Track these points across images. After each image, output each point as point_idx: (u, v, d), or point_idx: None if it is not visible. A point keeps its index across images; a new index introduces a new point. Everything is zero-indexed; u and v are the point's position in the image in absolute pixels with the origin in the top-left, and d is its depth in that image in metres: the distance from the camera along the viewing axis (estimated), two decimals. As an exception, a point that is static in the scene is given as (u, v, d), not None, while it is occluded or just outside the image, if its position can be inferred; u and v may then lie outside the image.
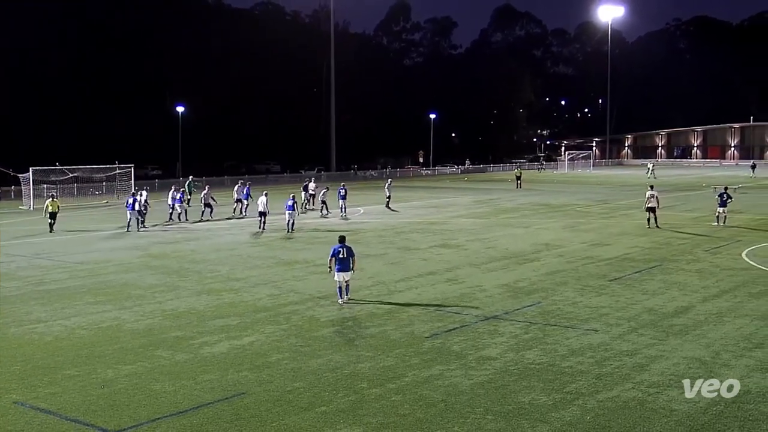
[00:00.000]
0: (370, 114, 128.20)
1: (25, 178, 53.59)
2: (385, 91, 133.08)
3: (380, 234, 35.81)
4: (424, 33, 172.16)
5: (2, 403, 12.92)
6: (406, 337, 17.00)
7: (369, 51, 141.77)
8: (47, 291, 22.49)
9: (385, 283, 23.45)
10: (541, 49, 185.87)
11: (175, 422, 12.10)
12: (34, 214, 46.49)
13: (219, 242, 33.43)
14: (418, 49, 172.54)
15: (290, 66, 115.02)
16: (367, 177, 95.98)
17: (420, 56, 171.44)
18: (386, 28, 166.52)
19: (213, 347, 16.31)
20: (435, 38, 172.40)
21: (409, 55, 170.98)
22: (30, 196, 52.31)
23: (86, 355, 15.80)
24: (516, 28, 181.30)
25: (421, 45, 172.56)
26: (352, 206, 48.43)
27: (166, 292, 22.26)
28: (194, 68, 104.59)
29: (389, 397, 13.14)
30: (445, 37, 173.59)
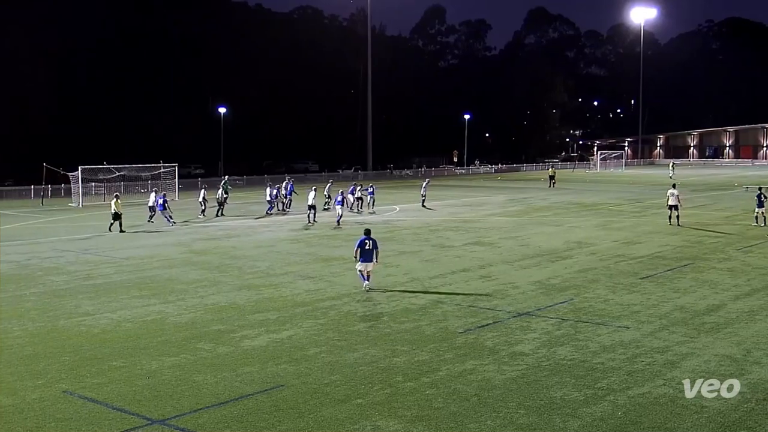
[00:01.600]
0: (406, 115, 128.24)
1: (74, 176, 54.41)
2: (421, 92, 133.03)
3: (415, 232, 35.78)
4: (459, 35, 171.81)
5: (52, 392, 13.14)
6: (440, 332, 16.97)
7: (405, 53, 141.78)
8: (95, 285, 22.81)
9: (419, 279, 23.44)
10: (573, 51, 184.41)
11: (216, 413, 12.20)
12: (83, 211, 47.21)
13: (259, 239, 33.65)
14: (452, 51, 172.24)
15: (328, 68, 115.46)
16: (402, 176, 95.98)
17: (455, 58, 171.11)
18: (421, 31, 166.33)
19: (253, 340, 16.43)
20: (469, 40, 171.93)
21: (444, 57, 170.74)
22: (79, 193, 53.10)
23: (132, 347, 16.01)
24: (549, 30, 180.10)
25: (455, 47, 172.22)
26: (386, 205, 48.55)
27: (208, 287, 22.46)
28: (235, 70, 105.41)
29: (423, 391, 13.13)
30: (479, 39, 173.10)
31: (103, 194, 55.27)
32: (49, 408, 12.38)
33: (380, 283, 22.55)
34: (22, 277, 24.28)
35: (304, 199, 41.98)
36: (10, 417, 11.99)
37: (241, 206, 46.03)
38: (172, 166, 60.21)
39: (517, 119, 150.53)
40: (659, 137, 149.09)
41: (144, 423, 11.83)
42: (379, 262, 21.91)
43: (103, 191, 55.70)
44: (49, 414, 12.12)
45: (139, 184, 61.30)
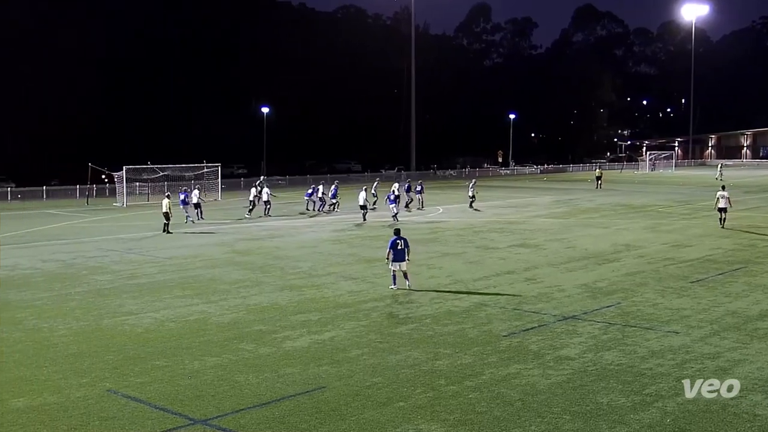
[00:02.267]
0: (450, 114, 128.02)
1: (118, 176, 55.27)
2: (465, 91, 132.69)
3: (459, 233, 35.67)
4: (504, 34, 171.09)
5: (96, 391, 13.36)
6: (484, 336, 16.89)
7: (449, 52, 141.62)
8: (138, 284, 23.15)
9: (463, 281, 23.36)
10: (622, 49, 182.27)
11: (258, 413, 12.29)
12: (127, 211, 47.94)
13: (302, 239, 33.83)
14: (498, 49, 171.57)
15: (371, 67, 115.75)
16: (446, 177, 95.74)
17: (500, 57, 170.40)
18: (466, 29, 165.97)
19: (295, 341, 16.52)
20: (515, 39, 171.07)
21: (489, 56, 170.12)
22: (123, 193, 53.91)
23: (174, 346, 16.20)
24: (597, 27, 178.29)
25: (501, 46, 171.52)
26: (430, 205, 48.53)
27: (251, 287, 22.64)
28: (278, 70, 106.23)
29: (466, 395, 13.08)
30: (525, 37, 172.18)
31: (147, 194, 56.07)
32: (93, 406, 12.59)
33: (423, 285, 22.52)
34: (67, 276, 24.74)
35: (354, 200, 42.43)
36: (55, 415, 12.22)
37: (284, 206, 46.30)
38: (215, 165, 60.84)
39: (563, 119, 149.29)
40: (711, 137, 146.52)
41: (186, 423, 11.97)
42: (410, 260, 22.15)
43: (147, 191, 56.50)
44: (93, 412, 12.32)
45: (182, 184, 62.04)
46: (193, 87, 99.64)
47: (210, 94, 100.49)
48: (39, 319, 18.64)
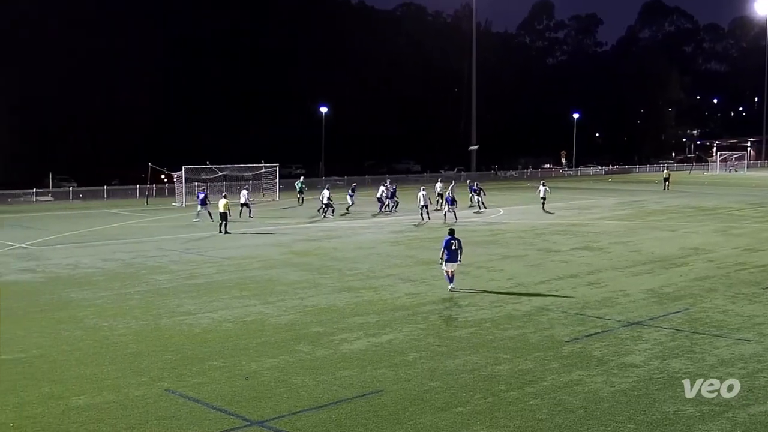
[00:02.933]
0: (512, 113, 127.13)
1: (177, 176, 56.22)
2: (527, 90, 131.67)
3: (520, 235, 35.40)
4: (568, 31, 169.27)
5: (155, 390, 13.62)
6: (546, 341, 16.73)
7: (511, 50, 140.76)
8: (196, 284, 23.52)
9: (524, 284, 23.18)
10: (692, 45, 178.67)
11: (314, 416, 12.38)
12: (186, 211, 48.73)
13: (360, 240, 33.97)
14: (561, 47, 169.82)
15: (431, 66, 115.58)
16: (507, 177, 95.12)
17: (563, 54, 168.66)
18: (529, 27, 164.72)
19: (352, 344, 16.59)
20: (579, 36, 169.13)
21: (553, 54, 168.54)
22: (182, 193, 54.81)
23: (231, 347, 16.41)
24: (665, 23, 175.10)
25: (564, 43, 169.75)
26: (490, 207, 48.28)
27: (308, 288, 22.81)
28: (337, 69, 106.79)
29: (527, 401, 12.97)
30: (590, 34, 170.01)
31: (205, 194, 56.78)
32: (152, 406, 12.83)
33: (483, 288, 22.42)
34: (127, 275, 25.27)
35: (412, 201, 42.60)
36: (114, 413, 12.49)
37: (342, 207, 46.53)
38: (273, 166, 61.45)
39: (629, 118, 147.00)
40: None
41: (243, 424, 12.12)
42: (461, 261, 22.16)
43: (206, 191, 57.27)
44: (151, 412, 12.56)
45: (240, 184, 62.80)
46: (251, 87, 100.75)
47: (268, 94, 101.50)
48: (99, 318, 19.08)
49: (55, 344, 16.65)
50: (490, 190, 54.33)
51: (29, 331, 17.75)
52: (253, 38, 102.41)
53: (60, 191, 62.62)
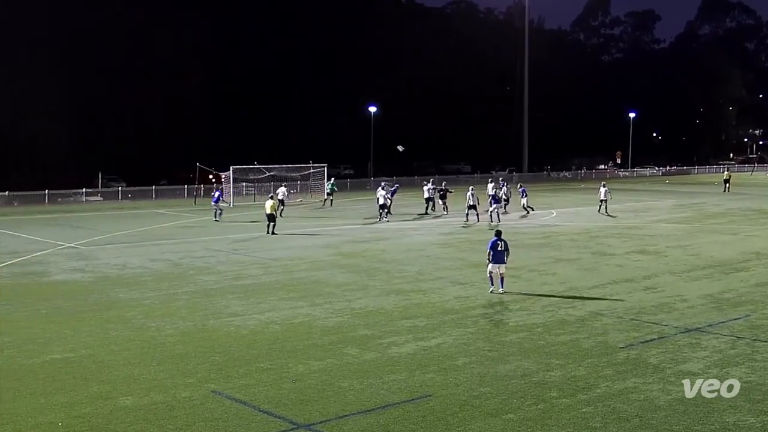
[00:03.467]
0: (565, 113, 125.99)
1: (225, 176, 56.85)
2: (581, 88, 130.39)
3: (573, 238, 35.08)
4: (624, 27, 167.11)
5: (202, 392, 13.78)
6: (599, 347, 16.55)
7: (565, 47, 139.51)
8: (244, 285, 23.75)
9: (577, 288, 22.95)
10: (754, 42, 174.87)
11: (362, 420, 12.41)
12: (233, 211, 49.26)
13: (408, 242, 33.97)
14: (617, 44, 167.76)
15: (482, 64, 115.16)
16: (560, 178, 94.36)
17: (619, 52, 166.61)
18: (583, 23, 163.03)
19: (400, 347, 16.59)
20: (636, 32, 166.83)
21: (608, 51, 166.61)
22: (230, 193, 55.40)
23: (279, 349, 16.54)
24: (726, 19, 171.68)
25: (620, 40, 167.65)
26: (543, 208, 47.89)
27: (356, 290, 22.88)
28: (386, 68, 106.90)
29: (580, 409, 12.84)
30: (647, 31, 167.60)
31: (253, 194, 57.48)
32: (199, 407, 12.99)
33: (535, 292, 22.27)
34: (174, 275, 25.63)
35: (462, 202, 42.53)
36: (162, 414, 12.68)
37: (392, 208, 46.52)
38: (321, 166, 61.77)
39: (688, 117, 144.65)
40: None
41: (290, 427, 12.20)
42: (508, 264, 22.24)
43: (254, 191, 57.93)
44: (198, 413, 12.71)
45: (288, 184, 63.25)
46: (299, 85, 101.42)
47: (317, 93, 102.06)
48: (147, 318, 19.38)
49: (104, 344, 16.96)
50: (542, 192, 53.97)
51: (78, 330, 18.10)
52: (302, 37, 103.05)
53: (109, 191, 63.78)
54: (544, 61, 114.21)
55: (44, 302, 21.34)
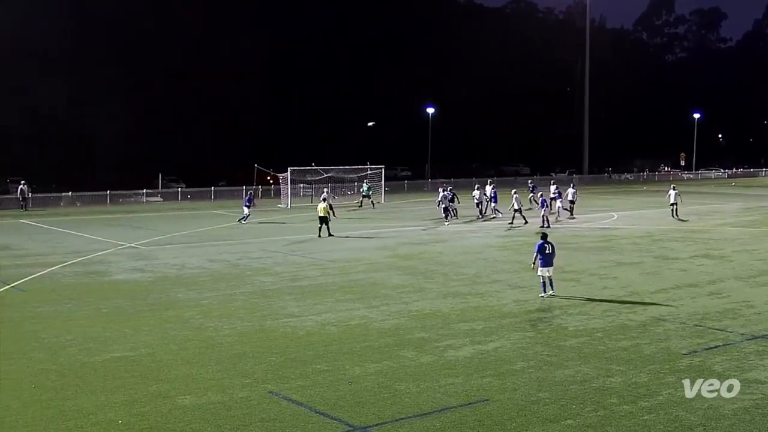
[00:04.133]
0: (627, 113, 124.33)
1: (283, 177, 57.35)
2: (644, 88, 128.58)
3: (635, 241, 34.55)
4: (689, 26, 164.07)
5: (258, 392, 13.92)
6: (661, 353, 16.27)
7: (627, 47, 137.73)
8: (300, 287, 23.92)
9: (639, 293, 22.60)
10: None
11: (418, 423, 12.39)
12: (291, 212, 49.67)
13: (466, 245, 33.85)
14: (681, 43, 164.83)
15: (541, 64, 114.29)
16: (622, 180, 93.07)
17: (684, 51, 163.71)
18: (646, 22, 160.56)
19: (457, 351, 16.54)
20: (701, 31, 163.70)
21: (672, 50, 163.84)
22: (287, 194, 55.88)
23: (335, 350, 16.61)
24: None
25: (685, 39, 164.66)
26: (604, 211, 47.28)
27: (412, 292, 22.88)
28: (444, 68, 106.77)
29: (641, 416, 12.64)
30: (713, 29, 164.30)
31: (311, 195, 57.84)
32: (255, 408, 13.12)
33: (595, 296, 22.01)
34: (232, 276, 25.94)
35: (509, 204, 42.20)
36: (219, 414, 12.84)
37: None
38: (378, 167, 61.95)
39: (755, 118, 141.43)
40: None
41: (346, 429, 12.25)
42: (554, 266, 22.10)
43: (311, 192, 58.29)
44: (254, 413, 12.84)
45: (345, 185, 63.52)
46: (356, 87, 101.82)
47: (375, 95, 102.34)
48: (205, 318, 19.64)
49: (163, 343, 17.24)
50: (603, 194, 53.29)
51: (138, 329, 18.44)
52: (360, 38, 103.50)
53: (169, 192, 64.91)
54: (606, 60, 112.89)
55: (105, 301, 21.80)
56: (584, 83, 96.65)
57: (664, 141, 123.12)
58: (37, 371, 15.22)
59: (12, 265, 28.54)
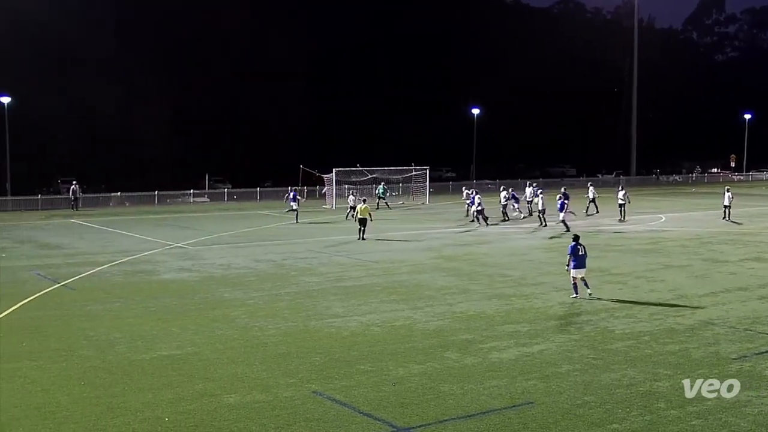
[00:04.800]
0: (675, 114, 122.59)
1: (328, 178, 57.58)
2: (693, 89, 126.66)
3: (683, 244, 34.05)
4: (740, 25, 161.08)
5: (303, 392, 13.99)
6: (710, 357, 16.01)
7: (676, 47, 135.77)
8: (345, 287, 24.00)
9: (687, 296, 22.26)
10: None
11: (462, 425, 12.35)
12: (335, 213, 49.85)
13: (511, 246, 33.67)
14: (732, 42, 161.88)
15: (589, 65, 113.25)
16: (670, 182, 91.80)
17: (735, 50, 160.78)
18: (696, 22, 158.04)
19: (501, 353, 16.45)
20: (753, 30, 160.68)
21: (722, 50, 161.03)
22: (332, 195, 56.07)
23: (379, 351, 16.63)
24: None
25: (736, 38, 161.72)
26: (651, 213, 46.66)
27: (457, 294, 22.81)
28: (490, 69, 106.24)
29: (689, 421, 12.45)
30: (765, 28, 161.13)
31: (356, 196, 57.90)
32: (300, 407, 13.19)
33: (642, 299, 21.75)
34: (278, 276, 26.12)
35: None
36: (264, 412, 12.93)
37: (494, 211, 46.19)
38: (423, 168, 61.90)
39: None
40: None
41: (389, 430, 12.26)
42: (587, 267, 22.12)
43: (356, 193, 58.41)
44: (299, 413, 12.91)
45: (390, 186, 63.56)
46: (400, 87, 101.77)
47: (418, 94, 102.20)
48: (251, 318, 19.80)
49: (209, 342, 17.42)
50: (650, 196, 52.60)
51: (184, 328, 18.66)
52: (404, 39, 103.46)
53: (215, 192, 65.62)
54: (654, 61, 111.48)
55: (153, 300, 22.10)
56: (632, 83, 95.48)
57: (713, 142, 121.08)
58: (86, 368, 15.49)
59: (63, 264, 29.09)
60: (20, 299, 22.13)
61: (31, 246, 34.94)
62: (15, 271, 27.69)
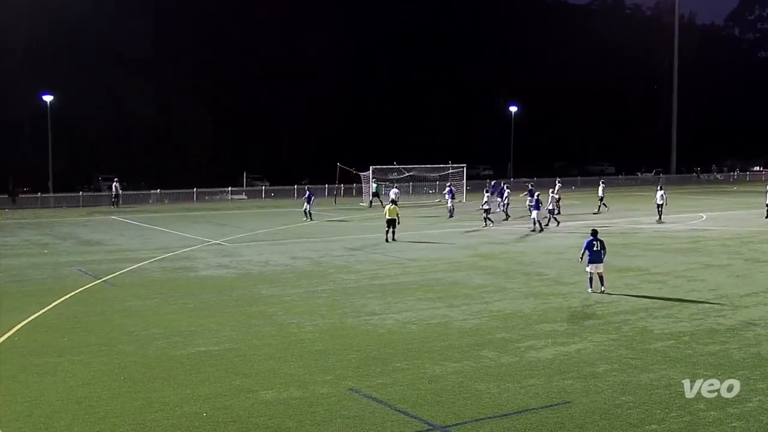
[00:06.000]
0: (716, 112, 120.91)
1: (365, 176, 57.64)
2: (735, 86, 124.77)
3: (724, 243, 33.59)
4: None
5: (339, 389, 14.03)
6: (752, 358, 15.77)
7: (717, 44, 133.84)
8: (381, 285, 24.02)
9: (728, 296, 21.96)
10: None
11: (498, 424, 12.31)
12: (372, 211, 49.89)
13: (548, 245, 33.46)
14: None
15: (628, 62, 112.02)
16: (711, 180, 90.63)
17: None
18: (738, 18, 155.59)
19: (539, 352, 16.36)
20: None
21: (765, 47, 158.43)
22: (369, 193, 56.12)
23: (416, 349, 16.62)
24: None
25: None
26: (692, 212, 46.05)
27: (494, 292, 22.73)
28: (527, 66, 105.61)
29: (729, 423, 12.28)
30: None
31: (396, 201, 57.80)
32: (336, 404, 13.23)
33: (682, 298, 21.49)
34: (315, 273, 26.23)
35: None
36: (301, 409, 13.00)
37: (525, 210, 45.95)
38: (460, 166, 61.74)
39: None
40: None
41: (426, 428, 12.25)
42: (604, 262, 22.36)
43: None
44: (336, 410, 12.96)
45: (426, 184, 63.51)
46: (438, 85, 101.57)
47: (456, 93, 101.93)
48: (288, 314, 19.90)
49: (246, 338, 17.54)
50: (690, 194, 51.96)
51: (222, 324, 18.80)
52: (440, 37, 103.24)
53: (253, 190, 66.07)
54: (695, 57, 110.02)
55: (191, 296, 22.31)
56: (672, 81, 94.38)
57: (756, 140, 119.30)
58: (126, 363, 15.68)
59: (104, 260, 29.48)
60: (62, 295, 22.48)
61: (73, 242, 35.47)
62: (57, 267, 28.14)
